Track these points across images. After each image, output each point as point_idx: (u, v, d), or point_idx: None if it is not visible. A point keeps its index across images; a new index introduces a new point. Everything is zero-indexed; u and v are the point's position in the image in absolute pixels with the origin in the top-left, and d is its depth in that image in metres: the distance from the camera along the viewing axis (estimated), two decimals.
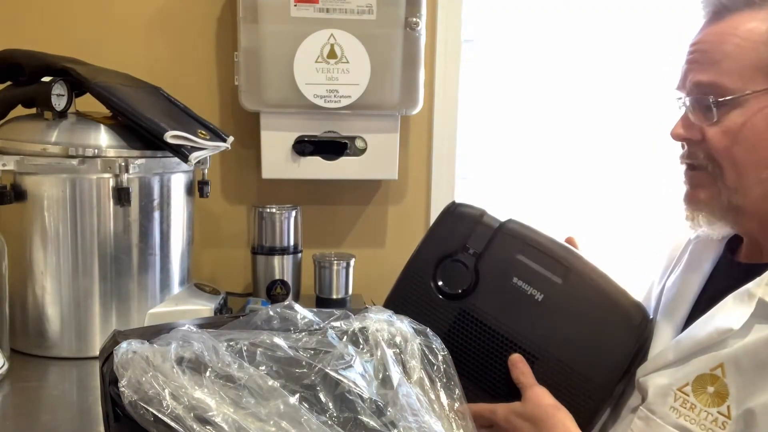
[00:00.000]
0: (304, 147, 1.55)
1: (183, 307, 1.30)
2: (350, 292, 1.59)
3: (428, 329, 0.80)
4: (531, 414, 0.87)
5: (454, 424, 0.74)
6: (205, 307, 1.32)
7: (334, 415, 0.66)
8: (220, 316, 1.30)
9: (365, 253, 1.69)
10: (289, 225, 1.55)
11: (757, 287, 0.80)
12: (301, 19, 1.46)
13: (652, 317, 0.96)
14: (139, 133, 1.22)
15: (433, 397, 0.74)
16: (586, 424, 0.89)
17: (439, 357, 0.78)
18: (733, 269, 0.91)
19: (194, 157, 1.24)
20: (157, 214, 1.27)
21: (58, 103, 1.20)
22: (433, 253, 0.98)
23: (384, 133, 1.57)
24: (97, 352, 0.92)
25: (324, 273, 1.57)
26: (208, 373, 0.65)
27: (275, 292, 1.53)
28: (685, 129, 0.88)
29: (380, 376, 0.71)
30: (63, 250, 1.20)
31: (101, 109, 1.25)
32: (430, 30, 1.63)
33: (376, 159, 1.57)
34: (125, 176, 1.19)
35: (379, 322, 0.77)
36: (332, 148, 1.56)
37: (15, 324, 1.21)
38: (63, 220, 1.19)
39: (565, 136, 1.80)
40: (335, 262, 1.56)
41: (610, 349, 0.91)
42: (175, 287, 1.33)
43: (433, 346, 0.78)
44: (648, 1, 1.76)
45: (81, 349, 1.23)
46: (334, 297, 1.57)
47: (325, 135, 1.56)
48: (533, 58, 1.76)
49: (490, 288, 0.95)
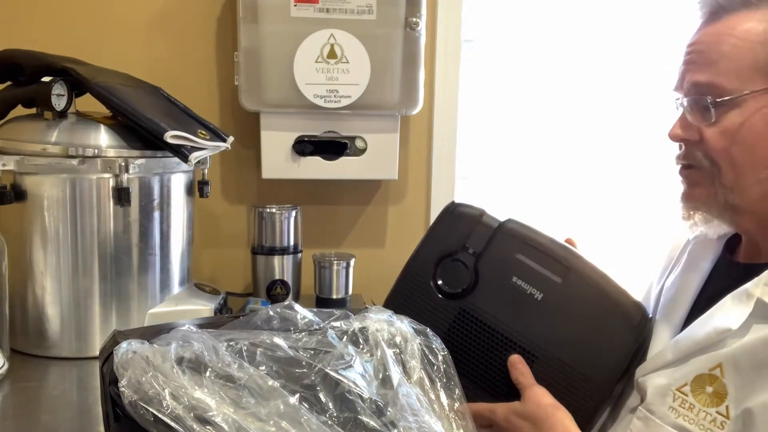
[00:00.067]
0: (304, 147, 1.54)
1: (183, 307, 1.30)
2: (350, 292, 1.59)
3: (428, 329, 0.80)
4: (530, 413, 0.87)
5: (454, 424, 0.74)
6: (205, 307, 1.32)
7: (334, 415, 0.66)
8: (220, 316, 1.30)
9: (365, 253, 1.69)
10: (289, 225, 1.55)
11: (755, 287, 0.80)
12: (301, 19, 1.46)
13: (651, 317, 0.96)
14: (139, 133, 1.22)
15: (433, 397, 0.74)
16: (586, 424, 0.89)
17: (439, 357, 0.78)
18: (731, 269, 0.91)
19: (194, 157, 1.24)
20: (157, 214, 1.27)
21: (58, 103, 1.20)
22: (433, 253, 0.99)
23: (384, 133, 1.57)
24: (97, 352, 0.92)
25: (324, 273, 1.57)
26: (208, 373, 0.65)
27: (275, 292, 1.53)
28: (683, 130, 0.88)
29: (380, 376, 0.71)
30: (63, 250, 1.20)
31: (101, 109, 1.25)
32: (430, 30, 1.63)
33: (376, 159, 1.57)
34: (125, 176, 1.19)
35: (379, 322, 0.77)
36: (332, 148, 1.55)
37: (15, 324, 1.21)
38: (63, 220, 1.19)
39: (565, 136, 1.80)
40: (335, 262, 1.56)
41: (610, 349, 0.92)
42: (175, 287, 1.34)
43: (433, 346, 0.78)
44: (648, 1, 1.76)
45: (81, 349, 1.23)
46: (334, 297, 1.57)
47: (325, 135, 1.56)
48: (533, 58, 1.76)
49: (489, 287, 0.95)
